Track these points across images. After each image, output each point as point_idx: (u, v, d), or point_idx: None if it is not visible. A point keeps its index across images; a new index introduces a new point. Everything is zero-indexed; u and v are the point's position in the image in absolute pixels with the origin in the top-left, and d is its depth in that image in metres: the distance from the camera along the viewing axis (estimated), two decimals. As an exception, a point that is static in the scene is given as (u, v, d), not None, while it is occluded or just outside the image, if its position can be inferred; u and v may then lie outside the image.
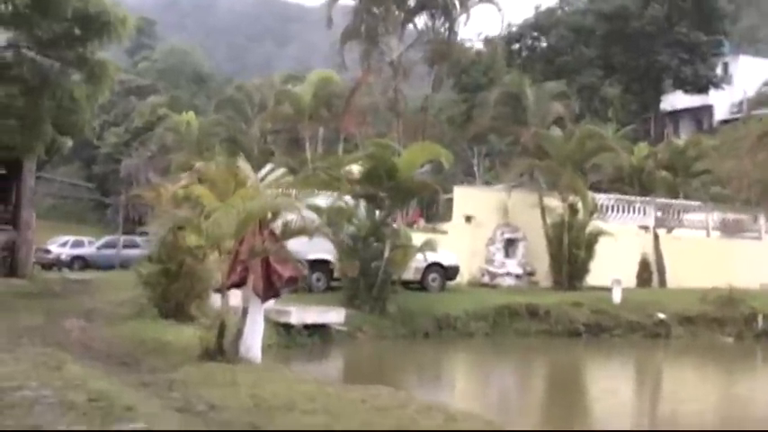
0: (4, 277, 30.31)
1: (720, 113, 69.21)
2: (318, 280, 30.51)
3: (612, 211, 39.79)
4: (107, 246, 51.62)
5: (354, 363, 24.95)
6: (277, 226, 15.12)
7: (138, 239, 54.68)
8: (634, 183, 44.87)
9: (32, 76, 23.62)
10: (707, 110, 68.72)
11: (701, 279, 35.07)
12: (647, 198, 41.44)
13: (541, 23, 59.77)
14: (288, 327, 24.45)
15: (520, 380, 25.13)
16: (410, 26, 45.19)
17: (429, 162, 31.16)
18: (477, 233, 37.34)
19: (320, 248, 29.83)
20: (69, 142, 28.80)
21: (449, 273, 33.60)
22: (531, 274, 37.65)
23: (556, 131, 38.21)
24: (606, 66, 58.13)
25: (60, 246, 49.72)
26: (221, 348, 14.25)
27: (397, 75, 43.07)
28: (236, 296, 22.39)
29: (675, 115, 67.76)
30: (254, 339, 15.28)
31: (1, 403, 9.07)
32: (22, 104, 24.14)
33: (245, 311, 14.80)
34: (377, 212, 29.56)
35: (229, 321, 20.87)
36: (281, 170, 16.16)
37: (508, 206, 37.27)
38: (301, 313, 24.95)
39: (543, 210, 36.62)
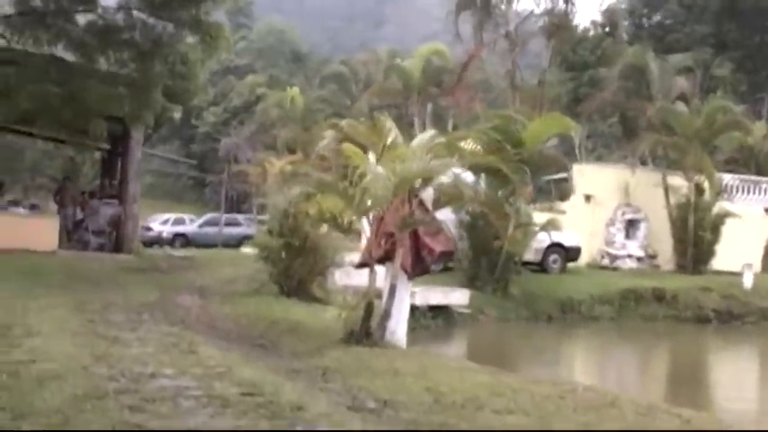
0: (110, 252, 28.94)
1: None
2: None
3: (737, 191, 37.03)
4: (208, 224, 50.39)
5: (481, 346, 22.84)
6: (429, 194, 13.08)
7: (239, 217, 53.55)
8: (750, 164, 41.91)
9: (144, 39, 21.92)
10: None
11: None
12: (775, 179, 38.54)
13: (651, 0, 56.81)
14: (411, 308, 22.50)
15: (655, 369, 22.76)
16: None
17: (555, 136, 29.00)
18: (597, 213, 34.93)
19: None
20: (179, 111, 27.23)
21: (570, 254, 31.45)
22: (652, 256, 35.23)
23: (680, 107, 35.56)
24: (718, 44, 54.92)
25: (162, 223, 48.61)
26: (368, 331, 12.31)
27: (514, 47, 40.68)
28: (360, 275, 20.58)
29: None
30: (399, 321, 13.36)
31: (138, 396, 7.22)
32: (132, 71, 22.55)
33: (392, 289, 12.84)
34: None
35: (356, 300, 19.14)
36: (430, 132, 14.16)
37: (629, 185, 34.79)
38: (426, 294, 22.99)
39: (667, 189, 34.14)
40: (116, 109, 23.18)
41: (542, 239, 29.69)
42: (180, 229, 49.27)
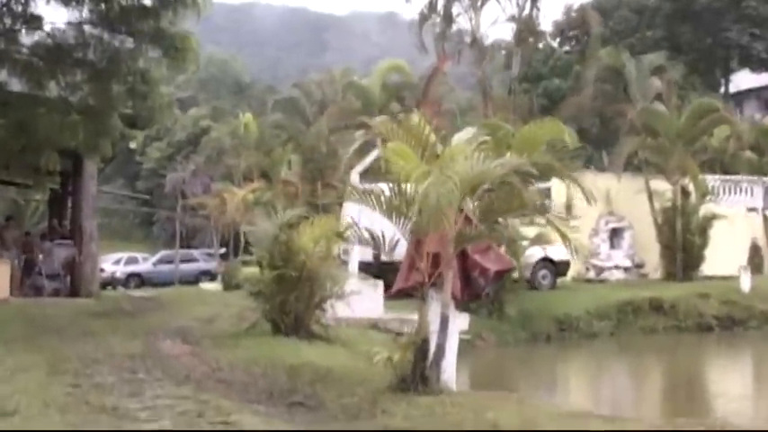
0: (67, 296, 26.10)
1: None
2: (421, 282, 25.83)
3: (720, 192, 35.17)
4: (163, 261, 47.72)
5: (491, 376, 20.38)
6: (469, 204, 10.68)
7: (195, 253, 50.79)
8: (715, 166, 40.09)
9: (99, 57, 19.32)
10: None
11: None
12: (754, 178, 36.67)
13: (603, 6, 54.94)
14: (411, 338, 20.10)
15: (666, 386, 20.46)
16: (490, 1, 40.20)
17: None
18: (579, 224, 32.65)
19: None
20: (139, 137, 24.57)
21: (559, 268, 29.22)
22: (639, 265, 33.17)
23: (659, 108, 33.54)
24: (672, 47, 53.24)
25: (114, 263, 45.78)
26: (422, 375, 9.82)
27: (484, 55, 38.43)
28: (364, 306, 18.17)
29: (739, 96, 62.58)
30: (449, 359, 10.88)
31: None
32: (86, 94, 19.92)
33: (444, 321, 10.33)
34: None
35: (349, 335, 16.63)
36: (471, 129, 11.80)
37: (611, 193, 32.64)
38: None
39: (651, 195, 32.10)
40: (69, 138, 20.45)
41: (530, 254, 27.49)
42: (133, 268, 46.54)
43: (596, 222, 33.04)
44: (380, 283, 21.00)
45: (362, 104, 39.07)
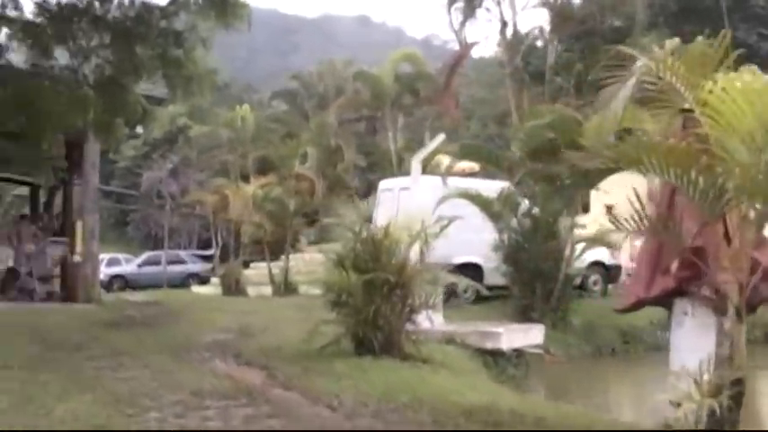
0: (62, 302, 22.34)
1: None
2: (465, 290, 21.99)
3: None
4: (148, 263, 43.76)
5: (582, 398, 16.78)
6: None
7: (182, 254, 46.92)
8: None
9: (124, 16, 15.66)
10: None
11: None
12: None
13: (611, 2, 51.69)
14: (494, 354, 16.53)
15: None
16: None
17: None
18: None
19: (467, 250, 22.12)
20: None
21: (611, 273, 25.85)
22: (683, 271, 29.81)
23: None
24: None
25: (94, 265, 41.61)
26: (734, 424, 6.29)
27: (520, 41, 34.92)
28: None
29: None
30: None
31: None
32: (102, 62, 16.27)
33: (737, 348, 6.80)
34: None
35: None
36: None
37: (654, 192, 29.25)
38: (510, 336, 16.94)
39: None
40: (78, 117, 16.80)
41: (582, 258, 24.12)
42: (116, 270, 42.66)
43: (638, 224, 29.69)
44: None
45: (372, 95, 35.62)
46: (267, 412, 7.88)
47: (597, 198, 29.00)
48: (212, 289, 34.48)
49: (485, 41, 35.29)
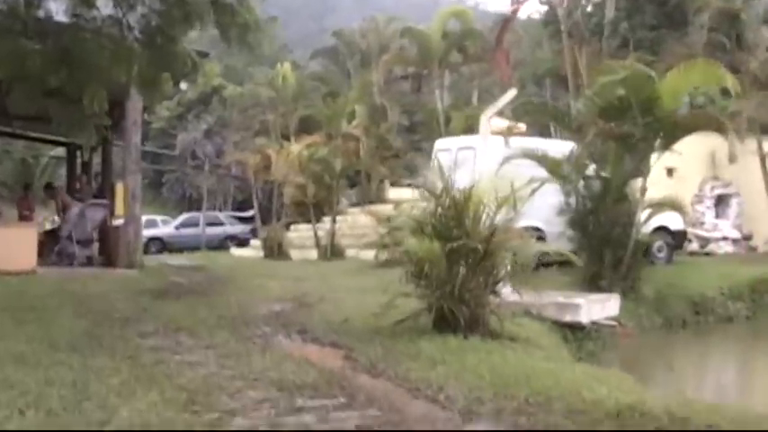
0: (101, 267, 21.16)
1: None
2: (532, 257, 20.44)
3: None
4: (186, 225, 42.59)
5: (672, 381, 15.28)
6: None
7: (220, 216, 45.81)
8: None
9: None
10: None
11: None
12: None
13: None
14: (573, 328, 15.15)
15: None
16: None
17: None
18: (680, 189, 27.64)
19: (528, 214, 20.57)
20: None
21: (676, 240, 24.32)
22: (747, 237, 28.27)
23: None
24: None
25: (131, 226, 40.57)
26: None
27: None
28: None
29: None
30: None
31: None
32: (148, 11, 14.85)
33: None
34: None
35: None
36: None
37: (717, 155, 27.63)
38: (589, 307, 15.53)
39: (764, 157, 27.18)
40: (122, 71, 15.45)
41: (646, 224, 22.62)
42: (153, 232, 41.29)
43: (699, 188, 28.15)
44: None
45: (419, 52, 34.03)
46: (375, 416, 6.50)
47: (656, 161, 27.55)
48: (252, 252, 33.20)
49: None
